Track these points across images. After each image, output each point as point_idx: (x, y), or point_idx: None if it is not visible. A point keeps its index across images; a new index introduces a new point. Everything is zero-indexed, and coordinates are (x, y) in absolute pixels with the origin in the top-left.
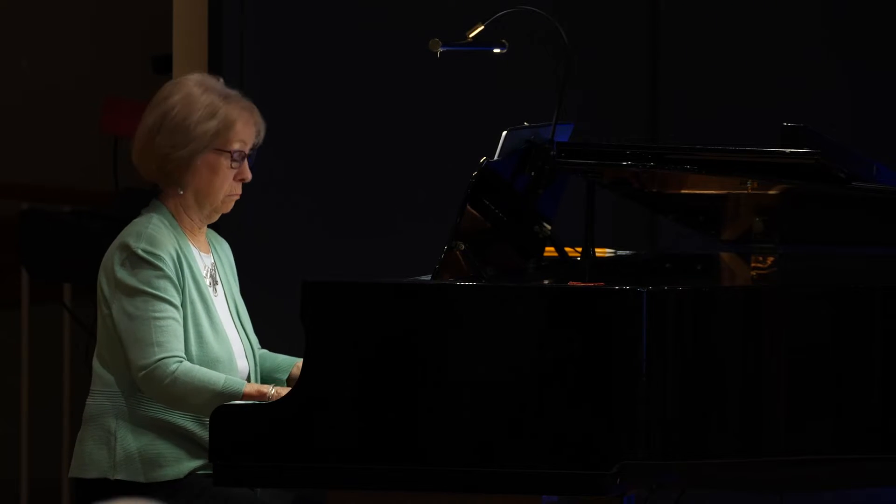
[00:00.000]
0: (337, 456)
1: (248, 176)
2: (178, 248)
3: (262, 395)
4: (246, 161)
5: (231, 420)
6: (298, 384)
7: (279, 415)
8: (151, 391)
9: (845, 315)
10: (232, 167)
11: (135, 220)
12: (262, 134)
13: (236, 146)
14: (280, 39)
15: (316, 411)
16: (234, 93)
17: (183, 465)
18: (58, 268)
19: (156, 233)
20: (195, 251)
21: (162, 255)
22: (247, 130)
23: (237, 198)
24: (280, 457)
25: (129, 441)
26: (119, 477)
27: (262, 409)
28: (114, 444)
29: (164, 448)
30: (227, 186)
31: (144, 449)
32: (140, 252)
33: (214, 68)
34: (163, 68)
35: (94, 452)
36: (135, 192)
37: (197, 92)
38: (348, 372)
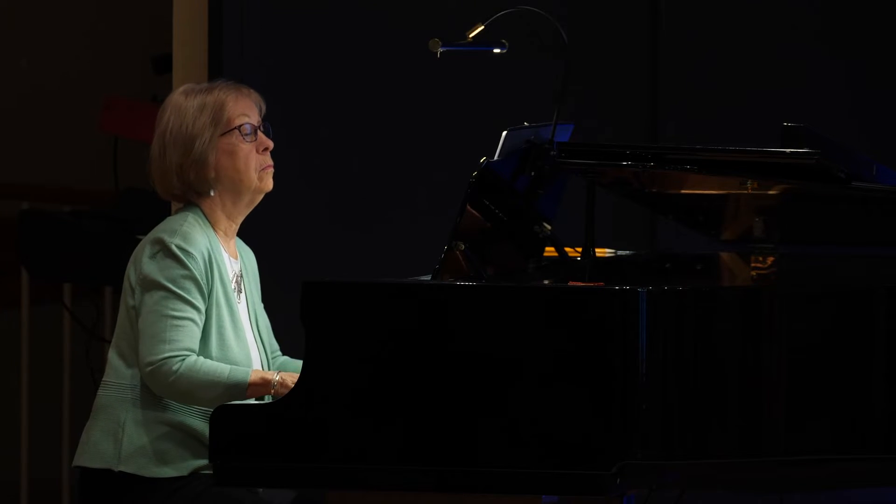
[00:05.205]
0: (336, 456)
1: (270, 144)
2: (209, 248)
3: (266, 382)
4: (259, 132)
5: (231, 420)
6: (298, 384)
7: (279, 414)
8: (156, 387)
9: (845, 315)
10: (247, 141)
11: (168, 218)
12: (264, 106)
13: (238, 121)
14: (280, 40)
15: (316, 411)
16: (217, 82)
17: (188, 463)
18: (58, 268)
19: (190, 231)
20: (225, 255)
21: (194, 253)
22: (242, 103)
23: (272, 170)
24: (280, 457)
25: (137, 435)
26: (123, 469)
27: (261, 409)
28: (121, 436)
29: (170, 445)
30: (254, 161)
31: (151, 444)
32: (173, 248)
33: (214, 68)
34: (163, 68)
35: (100, 443)
36: (135, 192)
37: (182, 100)
38: (348, 372)
